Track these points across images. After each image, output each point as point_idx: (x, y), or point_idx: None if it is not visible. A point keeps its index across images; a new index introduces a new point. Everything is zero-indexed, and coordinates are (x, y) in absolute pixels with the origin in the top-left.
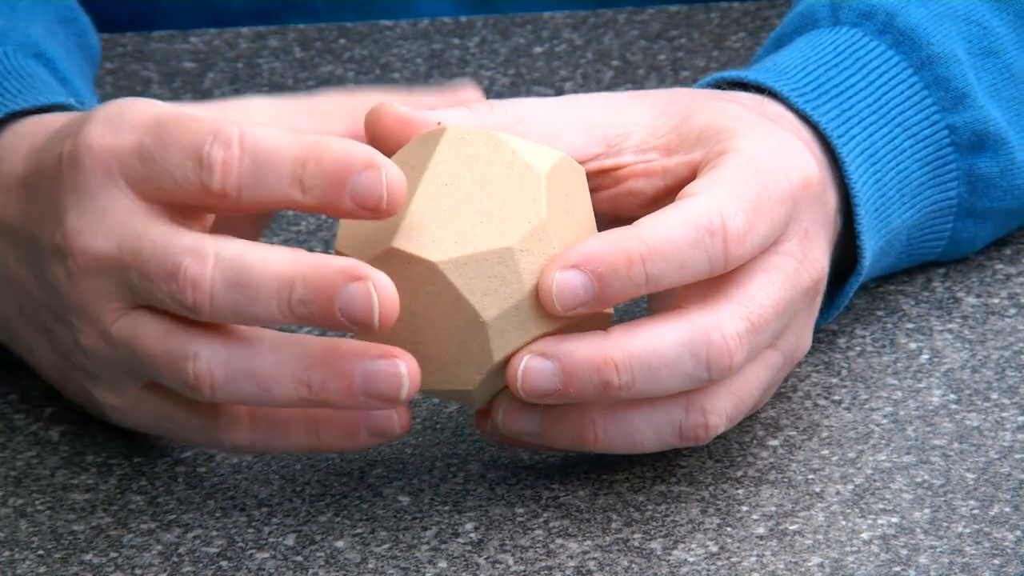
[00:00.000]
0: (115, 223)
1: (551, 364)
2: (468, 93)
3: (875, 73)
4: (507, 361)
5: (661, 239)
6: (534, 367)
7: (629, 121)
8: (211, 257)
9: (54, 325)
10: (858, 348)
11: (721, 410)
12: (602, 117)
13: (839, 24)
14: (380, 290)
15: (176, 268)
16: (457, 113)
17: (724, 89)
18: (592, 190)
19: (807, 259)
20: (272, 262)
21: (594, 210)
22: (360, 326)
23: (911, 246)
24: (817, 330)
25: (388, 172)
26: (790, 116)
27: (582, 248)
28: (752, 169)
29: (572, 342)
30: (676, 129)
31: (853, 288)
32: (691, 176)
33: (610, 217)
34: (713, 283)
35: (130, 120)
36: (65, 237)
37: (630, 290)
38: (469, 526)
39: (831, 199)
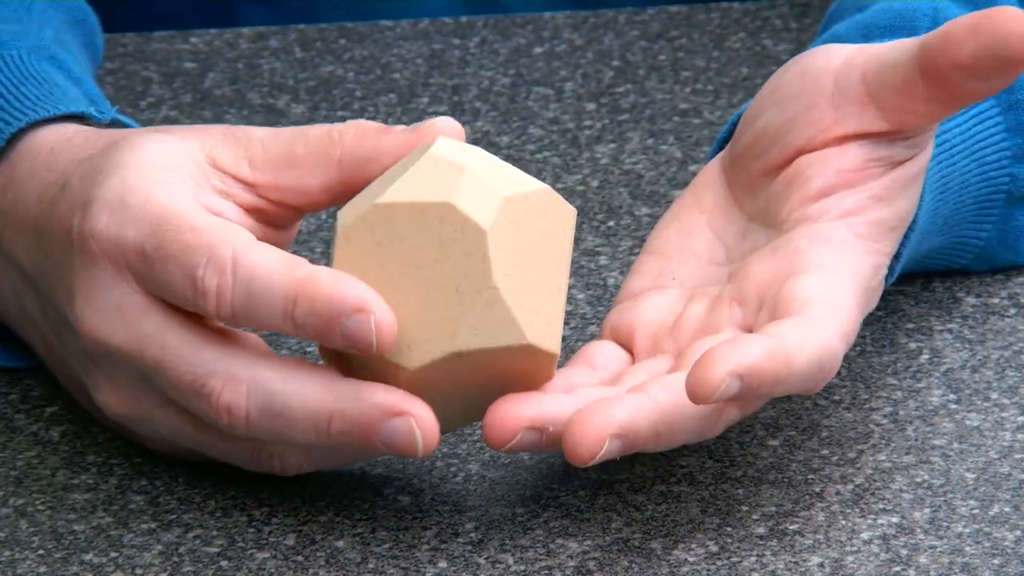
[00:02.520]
0: (132, 321)
1: (620, 443)
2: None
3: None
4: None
5: (797, 368)
6: (612, 451)
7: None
8: (244, 384)
9: (79, 378)
10: (858, 348)
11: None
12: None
13: None
14: (422, 424)
15: (208, 391)
16: None
17: None
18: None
19: None
20: (308, 396)
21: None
22: (403, 456)
23: (923, 264)
24: None
25: (377, 316)
26: None
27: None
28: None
29: (638, 418)
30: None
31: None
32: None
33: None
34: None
35: (132, 212)
36: (78, 322)
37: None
38: (469, 526)
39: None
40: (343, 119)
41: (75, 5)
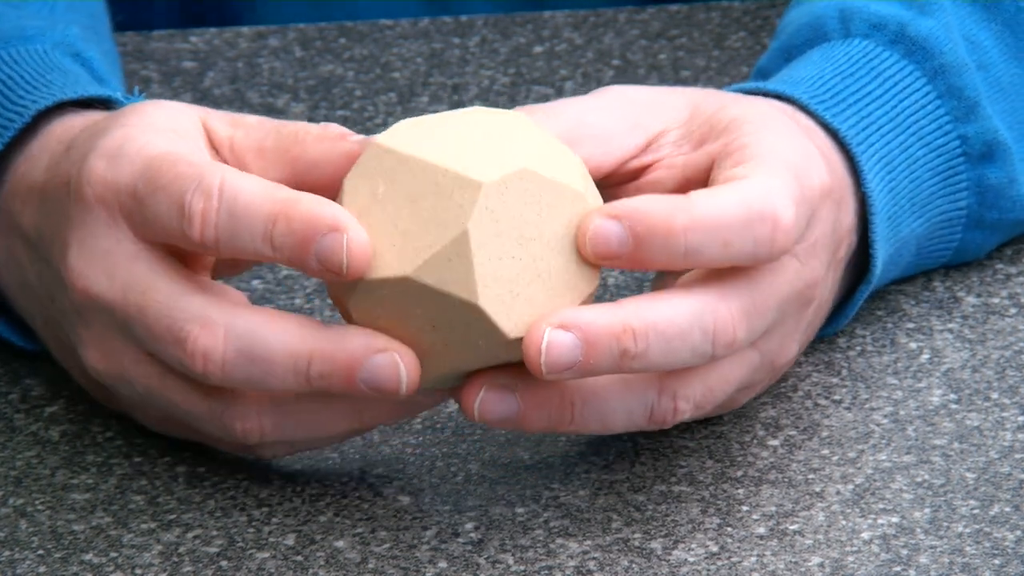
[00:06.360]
0: (119, 267)
1: (571, 336)
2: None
3: (890, 82)
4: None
5: (708, 214)
6: (556, 340)
7: (669, 119)
8: (221, 328)
9: (70, 345)
10: (858, 348)
11: (691, 396)
12: (646, 115)
13: (851, 36)
14: (405, 360)
15: (184, 336)
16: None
17: None
18: (618, 183)
19: (808, 265)
20: (286, 337)
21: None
22: (385, 395)
23: (919, 255)
24: (822, 336)
25: (351, 236)
26: (816, 128)
27: (630, 202)
28: (782, 164)
29: (590, 312)
30: (709, 120)
31: (863, 296)
32: (708, 165)
33: None
34: (719, 269)
35: (128, 157)
36: (68, 273)
37: (666, 257)
38: (469, 526)
39: (848, 214)
40: (343, 119)
41: (93, 12)
